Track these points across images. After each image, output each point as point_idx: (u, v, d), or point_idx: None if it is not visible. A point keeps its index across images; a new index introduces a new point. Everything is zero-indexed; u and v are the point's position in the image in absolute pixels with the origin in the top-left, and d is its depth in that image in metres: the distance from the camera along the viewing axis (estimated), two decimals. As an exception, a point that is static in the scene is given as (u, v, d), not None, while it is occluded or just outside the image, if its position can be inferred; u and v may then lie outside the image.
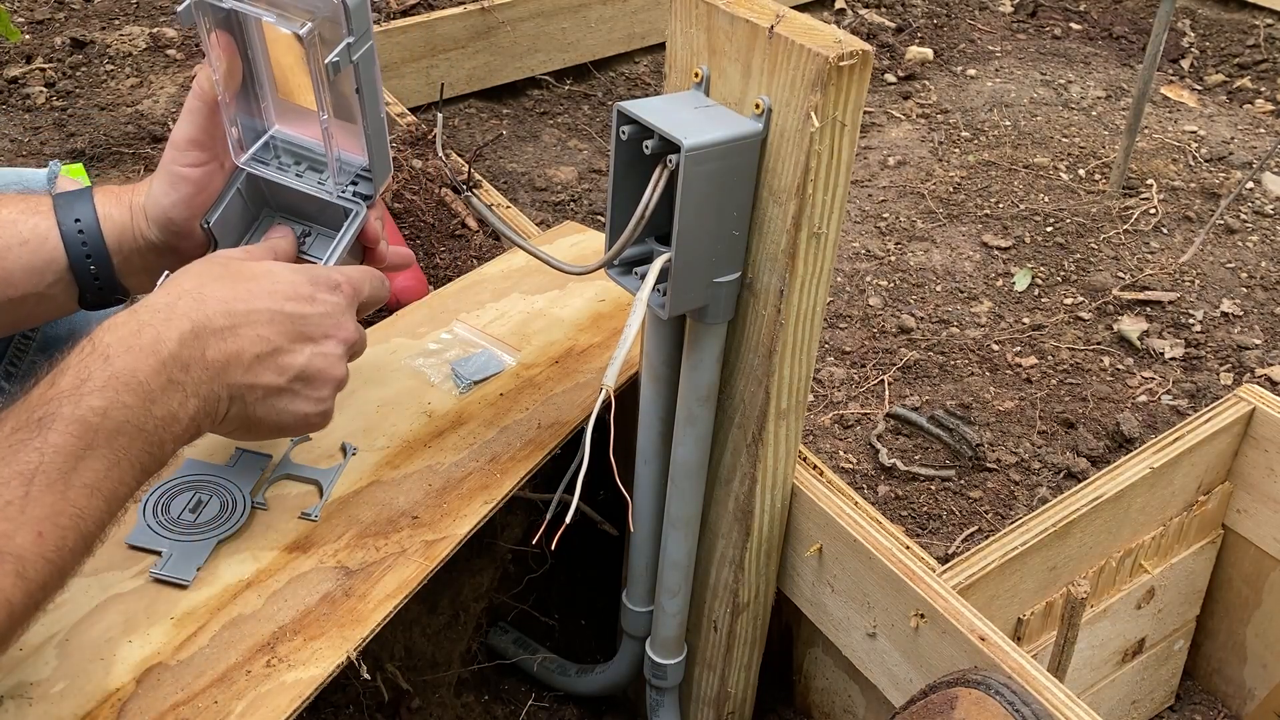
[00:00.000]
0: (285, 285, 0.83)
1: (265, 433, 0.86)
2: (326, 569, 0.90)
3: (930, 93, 2.55)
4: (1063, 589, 1.16)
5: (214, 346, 0.78)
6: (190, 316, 0.78)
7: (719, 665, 1.13)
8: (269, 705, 0.80)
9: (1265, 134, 2.39)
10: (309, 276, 0.85)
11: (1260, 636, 1.36)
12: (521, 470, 1.01)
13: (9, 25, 1.64)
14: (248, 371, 0.80)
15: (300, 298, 0.83)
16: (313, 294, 0.84)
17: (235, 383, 0.80)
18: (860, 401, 1.71)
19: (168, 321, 0.76)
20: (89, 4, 2.36)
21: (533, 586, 1.29)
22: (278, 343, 0.81)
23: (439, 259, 1.50)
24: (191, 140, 0.90)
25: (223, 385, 0.79)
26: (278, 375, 0.82)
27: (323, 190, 0.92)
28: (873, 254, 2.03)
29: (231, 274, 0.83)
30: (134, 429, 0.73)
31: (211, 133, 0.91)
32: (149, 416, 0.74)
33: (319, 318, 0.84)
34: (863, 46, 0.77)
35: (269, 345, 0.81)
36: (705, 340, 0.91)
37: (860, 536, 1.00)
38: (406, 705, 1.17)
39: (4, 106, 1.99)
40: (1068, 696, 0.87)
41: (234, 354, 0.79)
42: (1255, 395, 1.22)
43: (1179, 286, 1.95)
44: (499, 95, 2.42)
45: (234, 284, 0.81)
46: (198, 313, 0.78)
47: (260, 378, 0.81)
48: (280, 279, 0.84)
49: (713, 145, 0.80)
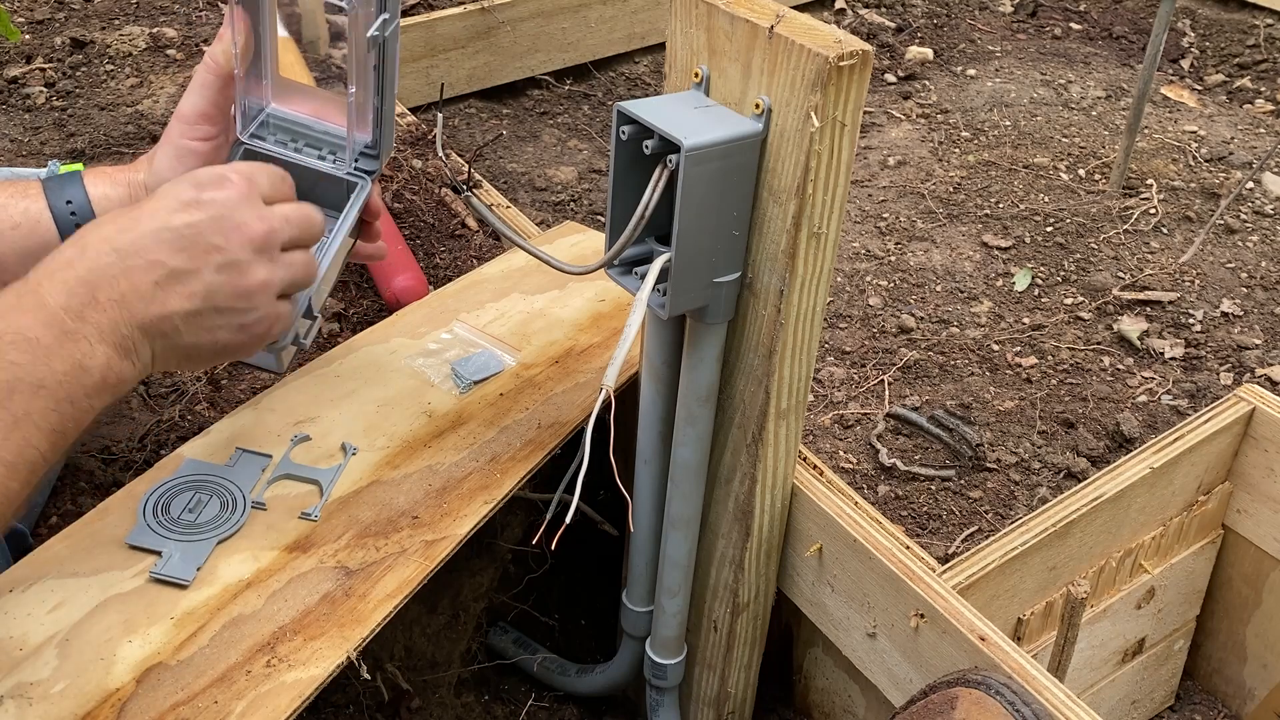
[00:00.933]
0: (169, 199, 0.77)
1: (209, 359, 0.81)
2: (327, 569, 0.90)
3: (930, 93, 2.55)
4: (1063, 589, 1.16)
5: (105, 287, 0.74)
6: (73, 265, 0.74)
7: (719, 665, 1.13)
8: (269, 705, 0.80)
9: (1265, 134, 2.39)
10: (193, 180, 0.79)
11: (1260, 636, 1.36)
12: (521, 470, 1.01)
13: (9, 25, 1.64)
14: (151, 303, 0.75)
15: (185, 206, 0.77)
16: (196, 197, 0.77)
17: (143, 318, 0.75)
18: (860, 401, 1.71)
19: (51, 275, 0.73)
20: (89, 4, 2.36)
21: (533, 586, 1.29)
22: (172, 263, 0.75)
23: (439, 259, 1.50)
24: (201, 113, 0.90)
25: (129, 325, 0.74)
26: (186, 299, 0.76)
27: (330, 166, 0.93)
28: (873, 254, 2.03)
29: (124, 210, 0.78)
30: (30, 386, 0.70)
31: (221, 106, 0.90)
32: (49, 371, 0.71)
33: (210, 221, 0.77)
34: (863, 46, 0.77)
35: (163, 270, 0.75)
36: (705, 340, 0.91)
37: (860, 536, 1.00)
38: (406, 705, 1.17)
39: (4, 106, 1.99)
40: (1068, 696, 0.87)
41: (128, 290, 0.74)
42: (1255, 395, 1.22)
43: (1179, 286, 1.95)
44: (499, 95, 2.42)
45: (118, 218, 0.77)
46: (80, 259, 0.74)
47: (168, 305, 0.75)
48: (164, 195, 0.78)
49: (713, 145, 0.80)
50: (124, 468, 1.16)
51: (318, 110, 0.94)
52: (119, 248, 0.75)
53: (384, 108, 0.90)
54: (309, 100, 0.94)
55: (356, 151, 0.93)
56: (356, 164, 0.93)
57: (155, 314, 0.75)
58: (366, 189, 0.93)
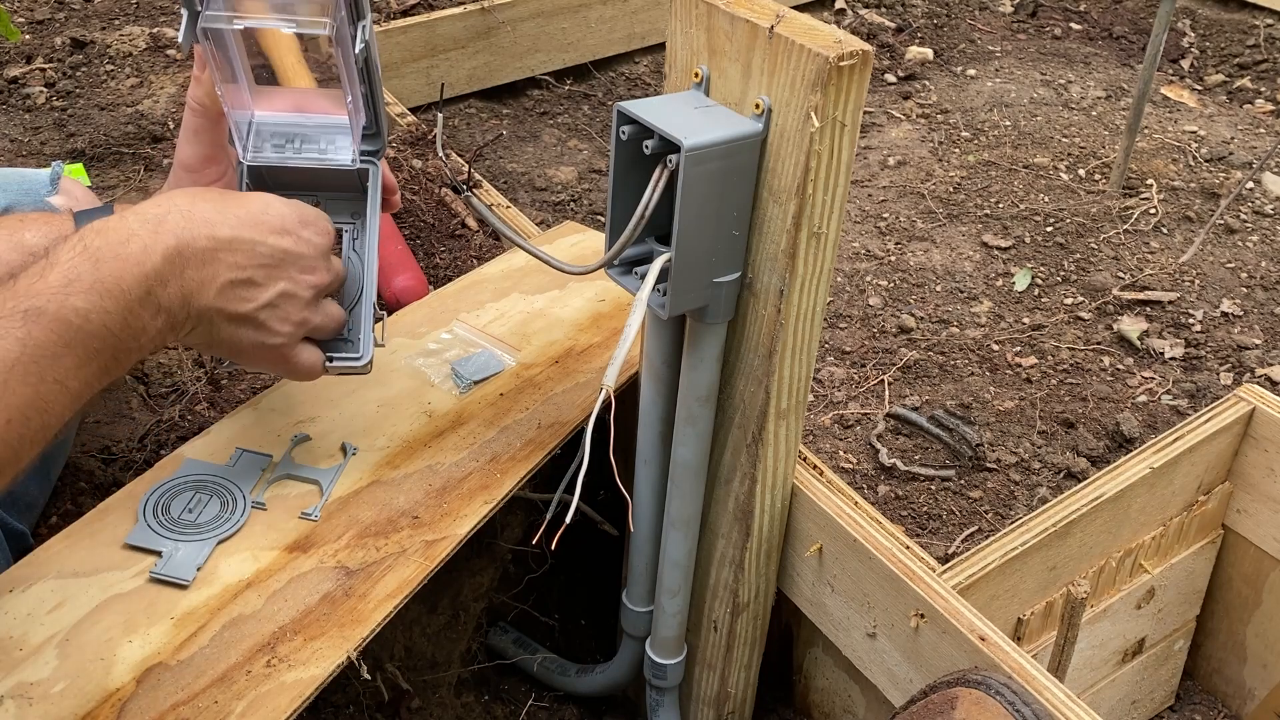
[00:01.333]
0: (274, 217, 0.84)
1: (223, 353, 0.88)
2: (327, 569, 0.90)
3: (930, 93, 2.55)
4: (1063, 589, 1.16)
5: (193, 267, 0.79)
6: (177, 233, 0.79)
7: (719, 665, 1.13)
8: (269, 705, 0.80)
9: (1265, 134, 2.39)
10: (299, 214, 0.86)
11: (1260, 636, 1.36)
12: (521, 470, 1.01)
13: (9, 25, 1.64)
14: (218, 296, 0.81)
15: (285, 232, 0.84)
16: (298, 232, 0.85)
17: (204, 306, 0.81)
18: (860, 401, 1.71)
19: (155, 234, 0.78)
20: (89, 4, 2.36)
21: (533, 586, 1.29)
22: (251, 273, 0.82)
23: (439, 259, 1.50)
24: (205, 159, 0.92)
25: (193, 306, 0.80)
26: (244, 304, 0.83)
27: (341, 160, 0.94)
28: (873, 254, 2.03)
29: (225, 198, 0.84)
30: (108, 334, 0.75)
31: (219, 143, 0.93)
32: (124, 325, 0.76)
33: (297, 257, 0.85)
34: (863, 46, 0.77)
35: (243, 274, 0.82)
36: (705, 340, 0.91)
37: (860, 536, 1.00)
38: (406, 705, 1.17)
39: (4, 106, 1.99)
40: (1068, 696, 0.87)
41: (210, 277, 0.80)
42: (1255, 395, 1.22)
43: (1179, 286, 1.95)
44: (499, 95, 2.42)
45: (224, 207, 0.82)
46: (185, 231, 0.79)
47: (229, 304, 0.82)
48: (271, 210, 0.84)
49: (713, 145, 0.80)
50: (124, 468, 1.16)
51: (301, 104, 0.95)
52: (218, 237, 0.81)
53: (372, 90, 0.91)
54: (289, 96, 0.94)
55: (360, 139, 0.94)
56: (363, 151, 0.95)
57: (215, 306, 0.82)
58: (379, 173, 0.95)
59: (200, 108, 0.91)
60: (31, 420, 0.72)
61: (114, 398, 1.23)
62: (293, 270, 0.85)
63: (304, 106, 0.95)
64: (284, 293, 0.85)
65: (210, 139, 0.92)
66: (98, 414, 1.21)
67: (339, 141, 0.94)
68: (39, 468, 1.07)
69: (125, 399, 1.24)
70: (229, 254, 0.81)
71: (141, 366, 1.27)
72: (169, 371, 1.27)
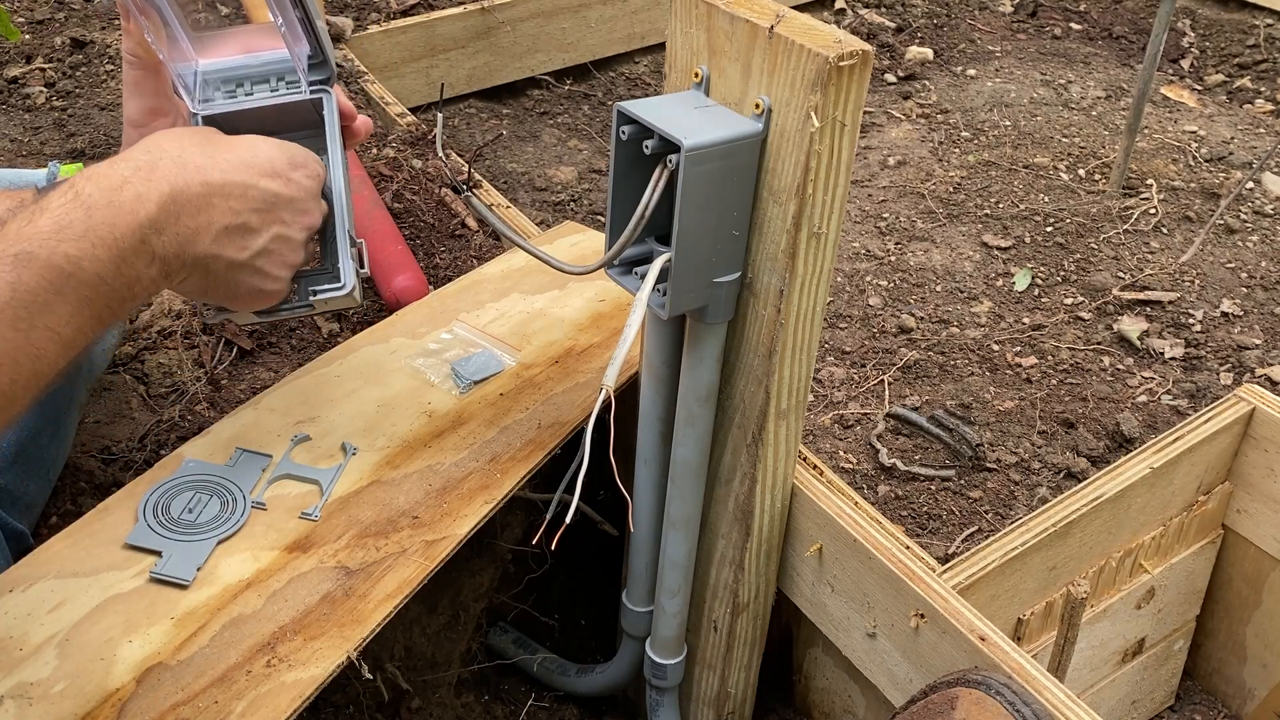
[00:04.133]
0: (264, 160, 0.84)
1: (217, 297, 0.87)
2: (327, 569, 0.90)
3: (930, 93, 2.55)
4: (1063, 589, 1.16)
5: (188, 214, 0.79)
6: (170, 179, 0.78)
7: (719, 665, 1.13)
8: (269, 705, 0.80)
9: (1265, 134, 2.39)
10: (288, 155, 0.86)
11: (1260, 636, 1.36)
12: (521, 470, 1.01)
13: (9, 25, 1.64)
14: (214, 242, 0.81)
15: (276, 174, 0.84)
16: (289, 174, 0.85)
17: (201, 252, 0.80)
18: (860, 401, 1.71)
19: (149, 181, 0.77)
20: (89, 4, 2.36)
21: (533, 586, 1.29)
22: (246, 218, 0.82)
23: (439, 259, 1.50)
24: (151, 110, 0.90)
25: (189, 254, 0.80)
26: (240, 250, 0.83)
27: (294, 94, 0.93)
28: (873, 254, 2.03)
29: (213, 141, 0.83)
30: (101, 282, 0.74)
31: (164, 93, 0.91)
32: (118, 273, 0.75)
33: (289, 200, 0.84)
34: (863, 46, 0.77)
35: (238, 219, 0.81)
36: (705, 340, 0.91)
37: (860, 536, 1.00)
38: (406, 705, 1.17)
39: (4, 106, 1.99)
40: (1068, 696, 0.87)
41: (205, 224, 0.80)
42: (1255, 395, 1.22)
43: (1179, 286, 1.95)
44: (499, 95, 2.42)
45: (214, 151, 0.82)
46: (178, 177, 0.78)
47: (225, 250, 0.82)
48: (260, 153, 0.84)
49: (713, 145, 0.80)
50: (124, 468, 1.16)
51: (245, 45, 0.94)
52: (209, 182, 0.80)
53: (308, 14, 0.89)
54: (231, 41, 0.93)
55: (306, 69, 0.93)
56: (311, 81, 0.93)
57: (212, 253, 0.81)
58: (333, 99, 0.94)
59: (135, 59, 0.88)
60: (23, 366, 0.71)
61: (114, 398, 1.23)
62: (285, 213, 0.84)
63: (250, 47, 0.94)
64: (278, 236, 0.84)
65: (151, 89, 0.90)
66: (97, 414, 1.21)
67: (290, 78, 0.93)
68: (39, 468, 1.07)
69: (125, 399, 1.24)
70: (223, 200, 0.80)
71: (141, 366, 1.27)
72: (169, 371, 1.27)
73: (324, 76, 0.93)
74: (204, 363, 1.29)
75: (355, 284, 0.92)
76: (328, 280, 0.92)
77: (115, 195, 0.75)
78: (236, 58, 0.94)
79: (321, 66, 0.93)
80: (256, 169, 0.83)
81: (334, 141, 0.94)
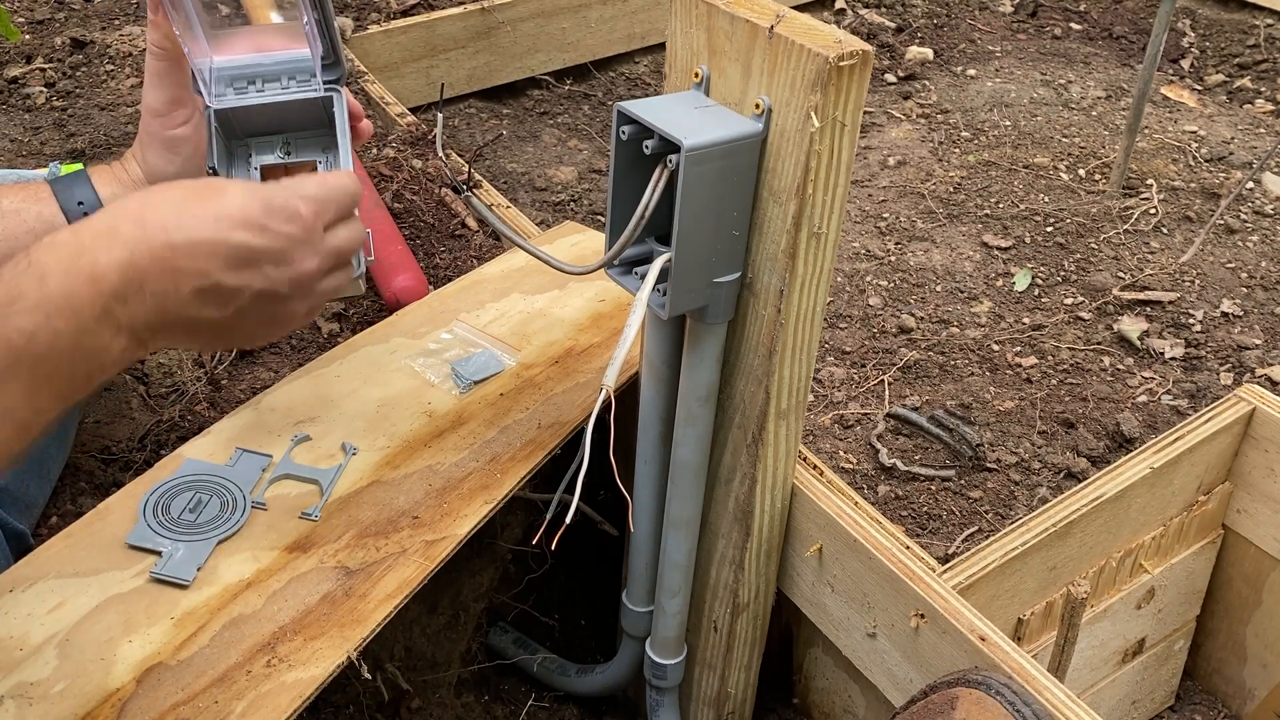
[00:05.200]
0: (235, 210, 0.75)
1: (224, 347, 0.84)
2: (327, 569, 0.90)
3: (930, 93, 2.55)
4: (1063, 589, 1.16)
5: (152, 279, 0.72)
6: (129, 244, 0.71)
7: (719, 665, 1.13)
8: (269, 705, 0.80)
9: (1265, 134, 2.39)
10: (262, 202, 0.77)
11: (1260, 636, 1.36)
12: (522, 470, 1.01)
13: (9, 25, 1.64)
14: (186, 306, 0.74)
15: (250, 225, 0.75)
16: (264, 223, 0.76)
17: (175, 317, 0.74)
18: (860, 401, 1.71)
19: (109, 249, 0.70)
20: (89, 4, 2.36)
21: (533, 586, 1.29)
22: (219, 278, 0.74)
23: (439, 259, 1.50)
24: (170, 101, 0.90)
25: (160, 320, 0.74)
26: (217, 310, 0.76)
27: (306, 91, 0.94)
28: (873, 254, 2.03)
29: (179, 195, 0.76)
30: (60, 356, 0.69)
31: (184, 85, 0.91)
32: (79, 346, 0.69)
33: (267, 252, 0.76)
34: (863, 46, 0.77)
35: (208, 281, 0.74)
36: (705, 340, 0.91)
37: (860, 536, 1.00)
38: (406, 705, 1.17)
39: (4, 106, 1.99)
40: (1068, 696, 0.87)
41: (170, 290, 0.73)
42: (1255, 395, 1.22)
43: (1179, 286, 1.95)
44: (499, 95, 2.42)
45: (180, 207, 0.74)
46: (139, 241, 0.72)
47: (203, 311, 0.75)
48: (230, 203, 0.75)
49: (713, 145, 0.80)
50: (124, 468, 1.16)
51: (257, 45, 0.94)
52: (174, 244, 0.73)
53: (325, 17, 0.90)
54: (243, 40, 0.94)
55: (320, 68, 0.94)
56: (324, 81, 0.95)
57: (189, 316, 0.75)
58: (344, 98, 0.95)
59: (161, 50, 0.88)
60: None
61: (114, 398, 1.23)
62: (267, 267, 0.76)
63: (262, 46, 0.93)
64: (261, 293, 0.77)
65: (174, 80, 0.89)
66: (98, 414, 1.21)
67: (300, 77, 0.94)
68: (39, 468, 1.07)
69: (125, 399, 1.24)
70: (189, 260, 0.73)
71: (142, 366, 1.27)
72: (169, 371, 1.27)
73: (336, 76, 0.95)
74: (204, 363, 1.29)
75: (361, 271, 0.91)
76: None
77: (73, 264, 0.69)
78: (248, 56, 0.94)
79: (334, 66, 0.94)
80: (228, 221, 0.74)
81: (344, 142, 0.94)
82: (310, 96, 0.94)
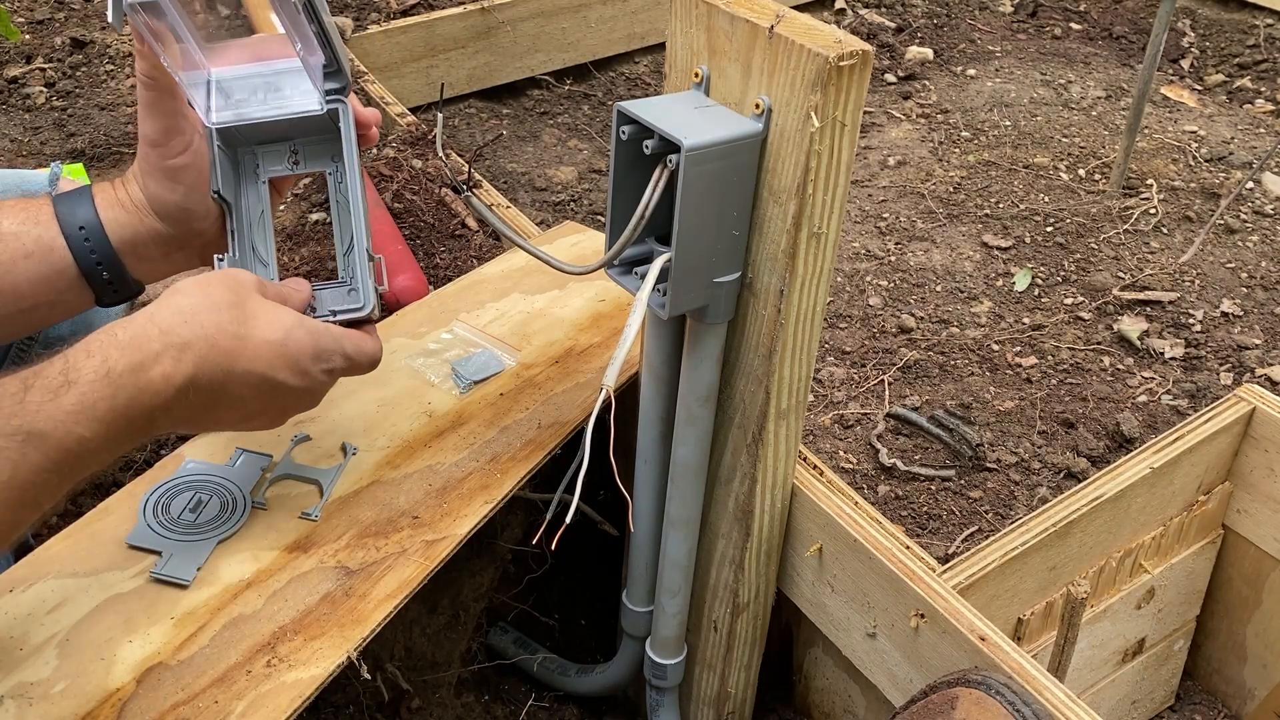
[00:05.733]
0: (293, 351, 0.82)
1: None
2: (327, 569, 0.90)
3: (930, 93, 2.55)
4: (1063, 589, 1.16)
5: (199, 395, 0.78)
6: (197, 362, 0.76)
7: (719, 665, 1.13)
8: (269, 705, 0.80)
9: (1265, 134, 2.39)
10: (314, 349, 0.84)
11: (1260, 636, 1.36)
12: (522, 470, 1.01)
13: (9, 25, 1.64)
14: (209, 421, 0.82)
15: (295, 370, 0.82)
16: (308, 369, 0.83)
17: (188, 421, 0.81)
18: (860, 401, 1.71)
19: (177, 362, 0.75)
20: (89, 4, 2.36)
21: (533, 586, 1.29)
22: (250, 405, 0.82)
23: (439, 259, 1.50)
24: (167, 129, 0.89)
25: (182, 427, 0.81)
26: (235, 423, 0.84)
27: (308, 105, 0.92)
28: (873, 254, 2.03)
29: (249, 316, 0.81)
30: (93, 457, 0.73)
31: (181, 112, 0.89)
32: (112, 449, 0.75)
33: (300, 392, 0.84)
34: (863, 46, 0.77)
35: (242, 407, 0.82)
36: (705, 340, 0.91)
37: (860, 536, 1.00)
38: (406, 705, 1.17)
39: (4, 106, 1.99)
40: (1068, 696, 0.87)
41: (210, 405, 0.80)
42: (1255, 395, 1.22)
43: (1179, 286, 1.95)
44: (499, 95, 2.42)
45: (248, 331, 0.80)
46: (205, 360, 0.77)
47: (221, 421, 0.83)
48: (290, 346, 0.82)
49: (713, 145, 0.80)
50: (124, 468, 1.16)
51: (257, 53, 0.92)
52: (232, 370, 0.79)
53: (323, 27, 0.87)
54: (243, 49, 0.92)
55: (321, 81, 0.91)
56: (327, 91, 0.92)
57: (199, 418, 0.81)
58: (349, 111, 0.93)
59: (150, 80, 0.87)
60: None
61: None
62: (288, 400, 0.84)
63: (263, 54, 0.92)
64: (272, 417, 0.85)
65: (167, 110, 0.88)
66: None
67: (304, 85, 0.91)
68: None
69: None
70: (238, 386, 0.80)
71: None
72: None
73: (339, 85, 0.92)
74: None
75: (375, 302, 0.92)
76: (350, 300, 0.92)
77: (143, 375, 0.74)
78: (249, 65, 0.92)
79: (336, 76, 0.91)
80: (279, 362, 0.81)
81: (351, 153, 0.92)
82: (314, 111, 0.91)
